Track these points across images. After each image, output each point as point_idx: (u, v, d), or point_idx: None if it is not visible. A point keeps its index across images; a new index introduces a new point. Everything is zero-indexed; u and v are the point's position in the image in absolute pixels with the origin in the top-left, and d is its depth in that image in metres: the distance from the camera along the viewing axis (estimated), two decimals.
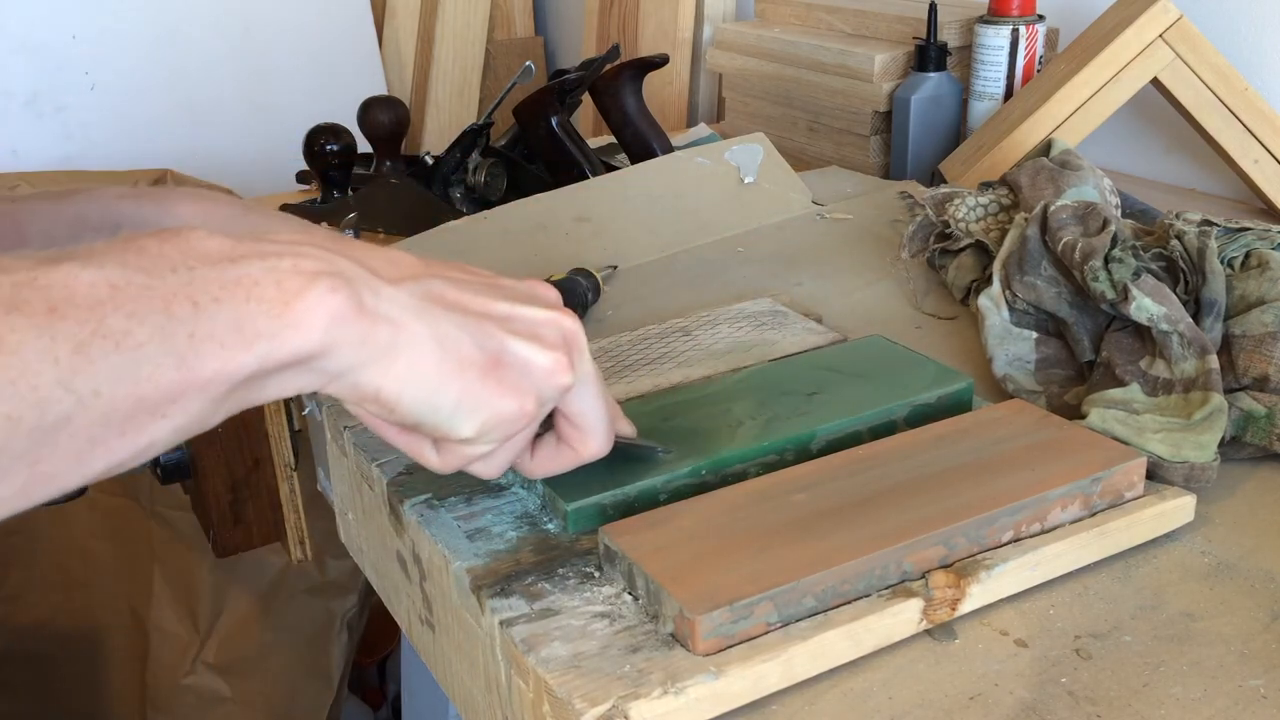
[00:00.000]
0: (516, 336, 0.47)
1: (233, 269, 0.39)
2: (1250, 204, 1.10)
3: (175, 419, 0.38)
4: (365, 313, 0.41)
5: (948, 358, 0.74)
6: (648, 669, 0.47)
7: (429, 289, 0.45)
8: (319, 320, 0.40)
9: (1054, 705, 0.47)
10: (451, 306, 0.45)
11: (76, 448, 0.36)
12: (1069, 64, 1.07)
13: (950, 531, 0.52)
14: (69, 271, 0.36)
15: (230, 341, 0.38)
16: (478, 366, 0.45)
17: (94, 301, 0.36)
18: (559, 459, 0.53)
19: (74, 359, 0.35)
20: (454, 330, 0.45)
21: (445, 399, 0.44)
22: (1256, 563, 0.55)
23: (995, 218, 0.86)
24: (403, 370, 0.43)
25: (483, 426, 0.46)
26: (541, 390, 0.47)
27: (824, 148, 1.33)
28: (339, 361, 0.41)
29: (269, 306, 0.39)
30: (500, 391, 0.46)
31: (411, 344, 0.43)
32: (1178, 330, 0.64)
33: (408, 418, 0.45)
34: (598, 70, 1.14)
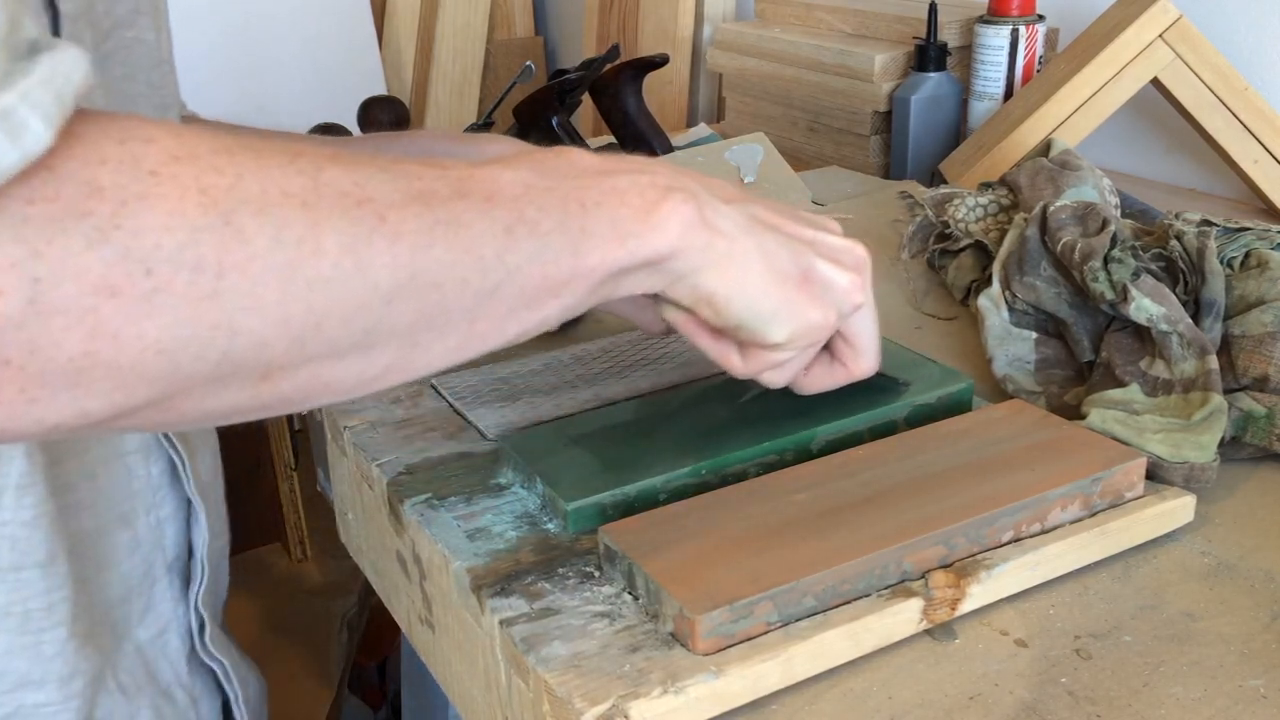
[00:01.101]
0: (823, 258, 0.53)
1: (607, 180, 0.46)
2: (1250, 204, 1.10)
3: (564, 299, 0.45)
4: (707, 224, 0.48)
5: (948, 358, 0.74)
6: (648, 668, 0.47)
7: (753, 211, 0.51)
8: (674, 225, 0.46)
9: (1054, 705, 0.47)
10: (771, 227, 0.51)
11: (500, 313, 0.43)
12: (1069, 64, 1.08)
13: (950, 531, 0.52)
14: (494, 172, 0.43)
15: (610, 237, 0.45)
16: (793, 280, 0.51)
17: (514, 195, 0.43)
18: (832, 375, 0.58)
19: (505, 239, 0.42)
20: (775, 247, 0.51)
21: (767, 305, 0.50)
22: (1256, 563, 0.55)
23: (995, 218, 0.86)
24: (735, 277, 0.49)
25: (792, 333, 0.52)
26: (841, 305, 0.53)
27: (824, 148, 1.33)
28: (685, 263, 0.48)
29: (636, 212, 0.46)
30: (810, 303, 0.52)
31: (743, 255, 0.49)
32: (1177, 330, 0.64)
33: (731, 319, 0.50)
34: (598, 70, 1.14)
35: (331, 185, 0.38)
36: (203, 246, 0.34)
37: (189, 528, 0.62)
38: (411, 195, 0.40)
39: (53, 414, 0.34)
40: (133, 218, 0.33)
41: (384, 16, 1.98)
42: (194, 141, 0.36)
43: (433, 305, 0.41)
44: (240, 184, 0.35)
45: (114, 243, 0.33)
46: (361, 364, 0.40)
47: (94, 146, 0.33)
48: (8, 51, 0.32)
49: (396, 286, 0.39)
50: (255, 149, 0.37)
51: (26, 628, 0.52)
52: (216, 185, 0.35)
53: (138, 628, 0.59)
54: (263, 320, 0.36)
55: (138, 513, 0.58)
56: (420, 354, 0.42)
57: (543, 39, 2.12)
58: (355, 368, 0.40)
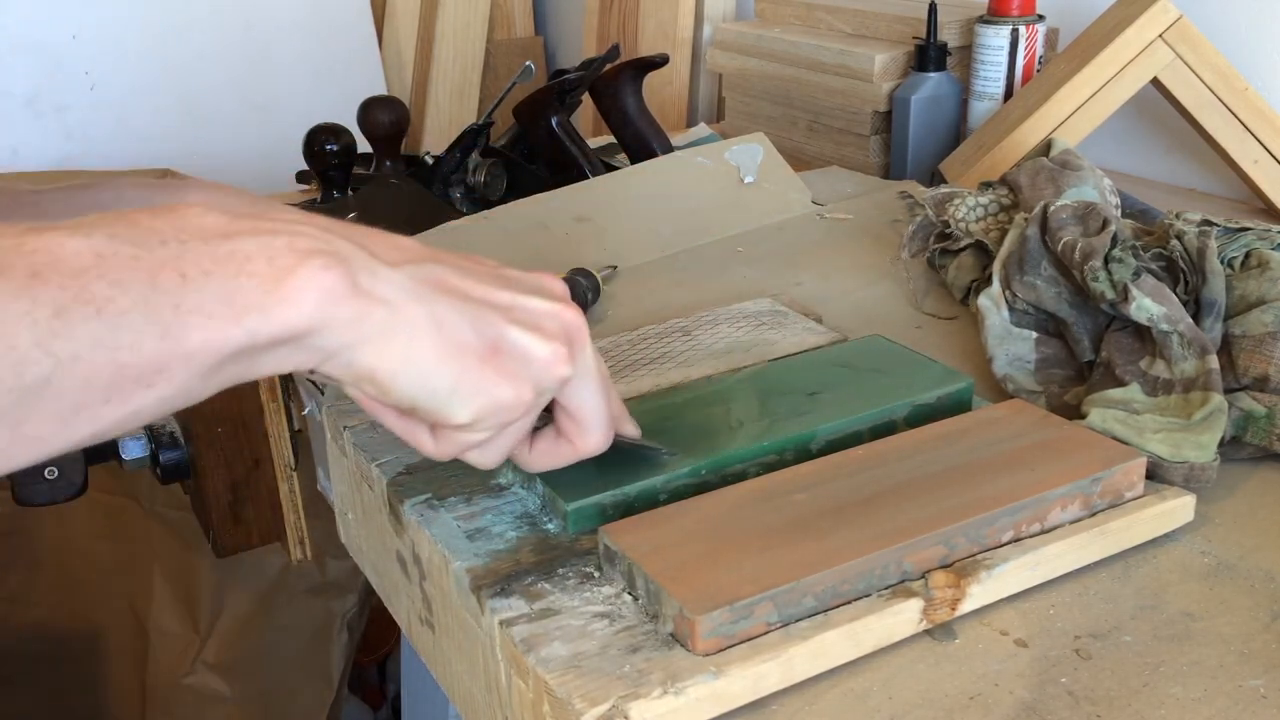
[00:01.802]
0: (517, 325, 0.47)
1: (226, 244, 0.39)
2: (1250, 204, 1.10)
3: (160, 389, 0.38)
4: (360, 292, 0.41)
5: (948, 358, 0.74)
6: (648, 669, 0.47)
7: (430, 273, 0.45)
8: (310, 297, 0.40)
9: (1054, 705, 0.47)
10: (451, 291, 0.45)
11: (59, 411, 0.36)
12: (1069, 64, 1.07)
13: (950, 531, 0.52)
14: (55, 239, 0.36)
15: (218, 314, 0.38)
16: (475, 352, 0.45)
17: (78, 269, 0.36)
18: (557, 453, 0.53)
19: (53, 323, 0.35)
20: (453, 315, 0.45)
21: (441, 382, 0.44)
22: (1256, 563, 0.55)
23: (995, 218, 0.86)
24: (398, 351, 0.43)
25: (479, 413, 0.46)
26: (539, 380, 0.47)
27: (824, 148, 1.33)
28: (332, 339, 0.41)
29: (260, 281, 0.39)
30: (497, 379, 0.46)
31: (408, 325, 0.43)
32: (1177, 330, 0.64)
33: (403, 400, 0.45)
34: (598, 70, 1.14)
35: None
36: None
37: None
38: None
39: None
40: None
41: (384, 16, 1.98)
42: None
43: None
44: None
45: None
46: None
47: None
48: None
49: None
50: None
51: None
52: None
53: None
54: None
55: None
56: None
57: (543, 39, 2.12)
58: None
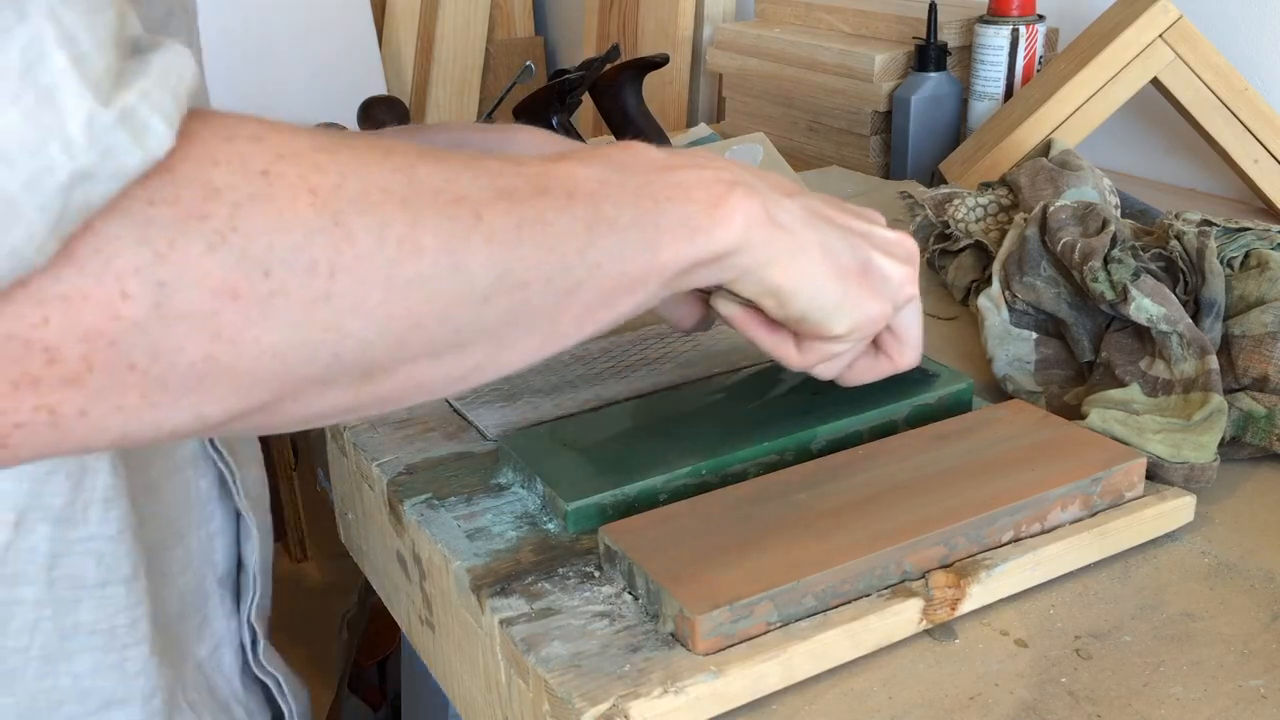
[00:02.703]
0: (878, 250, 0.53)
1: (673, 174, 0.46)
2: (1250, 204, 1.10)
3: (639, 296, 0.45)
4: (771, 219, 0.48)
5: (948, 358, 0.74)
6: (648, 668, 0.47)
7: (812, 205, 0.51)
8: (740, 220, 0.46)
9: (1054, 705, 0.47)
10: (830, 221, 0.52)
11: (580, 311, 0.43)
12: (1069, 64, 1.08)
13: (950, 531, 0.52)
14: (570, 168, 0.43)
15: (680, 233, 0.45)
16: (853, 273, 0.52)
17: (591, 191, 0.42)
18: (876, 367, 0.59)
19: (586, 235, 0.42)
20: (835, 240, 0.51)
21: (829, 298, 0.51)
22: (1256, 563, 0.55)
23: (995, 218, 0.86)
24: (799, 270, 0.49)
25: (853, 325, 0.52)
26: (895, 297, 0.54)
27: (824, 148, 1.33)
28: (750, 258, 0.48)
29: (703, 207, 0.45)
30: (870, 295, 0.52)
31: (805, 249, 0.50)
32: (1177, 331, 0.64)
33: (796, 312, 0.51)
34: (598, 70, 1.14)
35: (425, 182, 0.37)
36: (315, 248, 0.34)
37: (238, 541, 0.60)
38: (498, 192, 0.39)
39: (171, 419, 0.34)
40: (248, 220, 0.32)
41: (384, 16, 1.98)
42: (295, 139, 0.35)
43: (520, 303, 0.40)
44: (345, 183, 0.35)
45: (232, 245, 0.32)
46: (454, 363, 0.40)
47: (206, 146, 0.33)
48: (119, 50, 0.30)
49: (490, 285, 0.39)
50: (351, 145, 0.36)
51: (112, 645, 0.52)
52: (323, 185, 0.34)
53: (195, 644, 0.58)
54: (368, 321, 0.36)
55: (190, 527, 0.56)
56: (507, 352, 0.42)
57: (543, 39, 2.12)
58: (448, 367, 0.40)
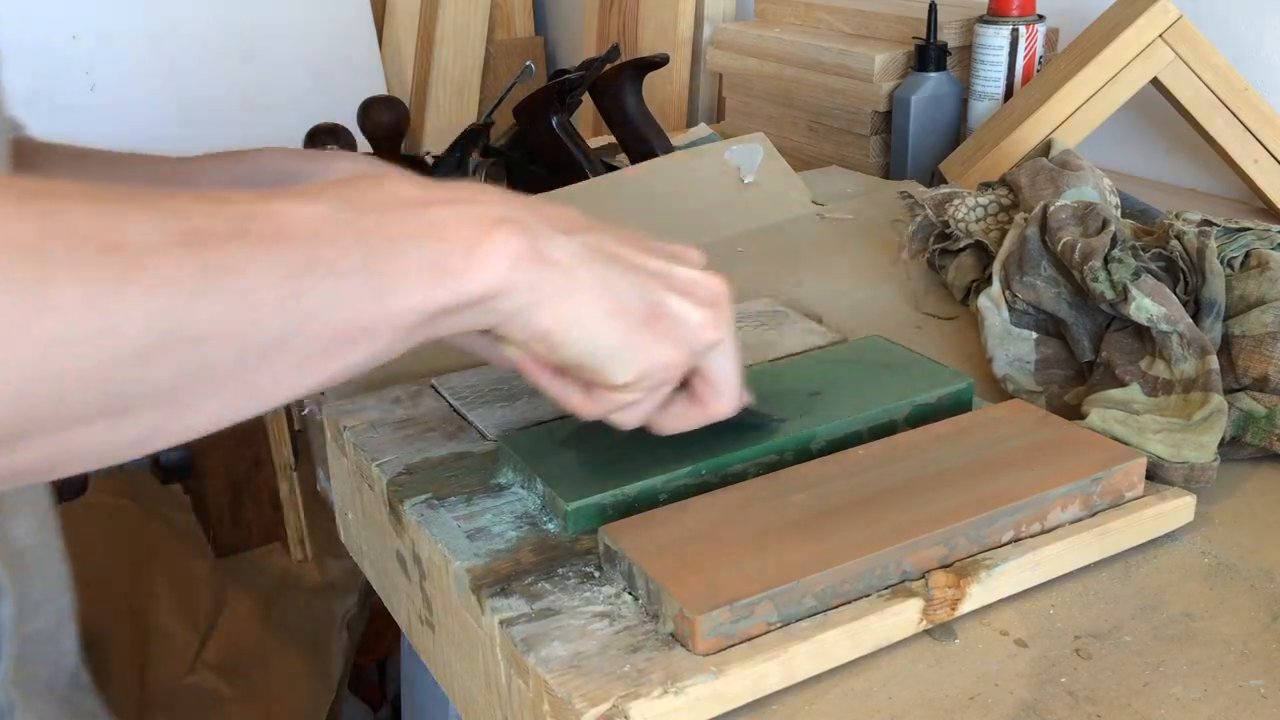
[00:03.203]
0: (674, 292, 0.49)
1: (425, 212, 0.42)
2: (1250, 204, 1.10)
3: (370, 347, 0.41)
4: (540, 257, 0.44)
5: (948, 358, 0.74)
6: (648, 669, 0.47)
7: (596, 241, 0.48)
8: (501, 262, 0.43)
9: (1054, 705, 0.47)
10: (616, 259, 0.48)
11: (288, 366, 0.39)
12: (1069, 64, 1.08)
13: (950, 531, 0.52)
14: (286, 205, 0.39)
15: (422, 278, 0.41)
16: (638, 315, 0.48)
17: (309, 232, 0.39)
18: (688, 416, 0.55)
19: (292, 284, 0.38)
20: (619, 280, 0.47)
21: (607, 342, 0.47)
22: (1256, 563, 0.55)
23: (995, 218, 0.86)
24: (571, 312, 0.46)
25: (638, 373, 0.48)
26: (692, 344, 0.50)
27: (824, 148, 1.33)
28: (515, 301, 0.44)
29: (456, 247, 0.42)
30: (657, 341, 0.48)
31: (580, 288, 0.46)
32: (1177, 331, 0.64)
33: (569, 358, 0.47)
34: (598, 70, 1.14)
35: (74, 229, 0.34)
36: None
37: None
38: (176, 237, 0.36)
39: None
40: None
41: (384, 16, 1.98)
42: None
43: (198, 362, 0.36)
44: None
45: None
46: (111, 431, 0.36)
47: None
48: None
49: (149, 344, 0.35)
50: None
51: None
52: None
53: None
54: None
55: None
56: (189, 414, 0.38)
57: (543, 39, 2.12)
58: (104, 435, 0.36)
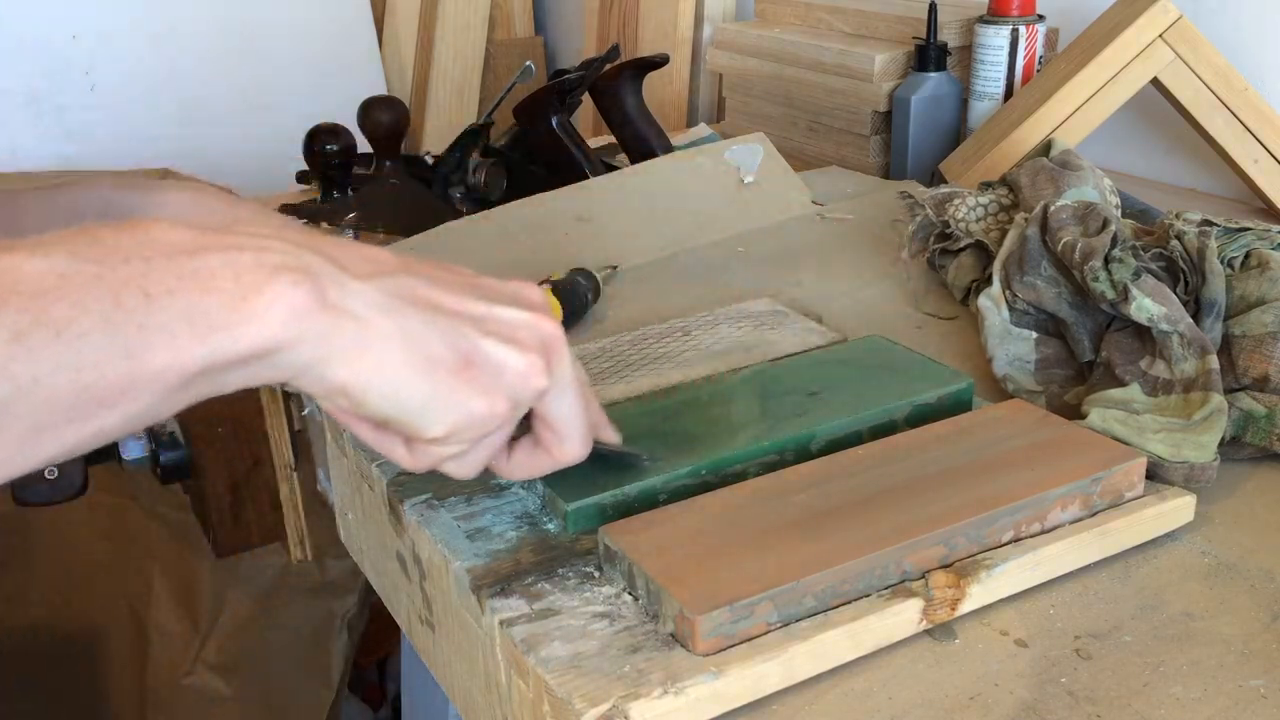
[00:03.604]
0: (491, 337, 0.46)
1: (191, 261, 0.39)
2: (1250, 204, 1.10)
3: (125, 408, 0.38)
4: (329, 307, 0.41)
5: (948, 358, 0.74)
6: (648, 669, 0.47)
7: (401, 286, 0.44)
8: (278, 314, 0.40)
9: (1054, 705, 0.47)
10: (423, 304, 0.44)
11: (19, 433, 0.36)
12: (1069, 64, 1.07)
13: (950, 531, 0.52)
14: (15, 260, 0.36)
15: (182, 333, 0.38)
16: (447, 365, 0.44)
17: (38, 290, 0.36)
18: (535, 462, 0.52)
19: (12, 347, 0.35)
20: (423, 328, 0.44)
21: (413, 396, 0.44)
22: (1256, 563, 0.55)
23: (995, 218, 0.86)
24: (369, 366, 0.42)
25: (453, 426, 0.45)
26: (515, 392, 0.47)
27: (824, 148, 1.33)
28: (301, 356, 0.41)
29: (225, 299, 0.39)
30: (470, 392, 0.45)
31: (378, 340, 0.42)
32: (1178, 330, 0.64)
33: (375, 414, 0.44)
34: (598, 70, 1.14)
35: None
36: None
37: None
38: None
39: None
40: None
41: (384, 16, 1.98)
42: None
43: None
44: None
45: None
46: None
47: None
48: None
49: None
50: None
51: None
52: None
53: None
54: None
55: None
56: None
57: (543, 39, 2.12)
58: None
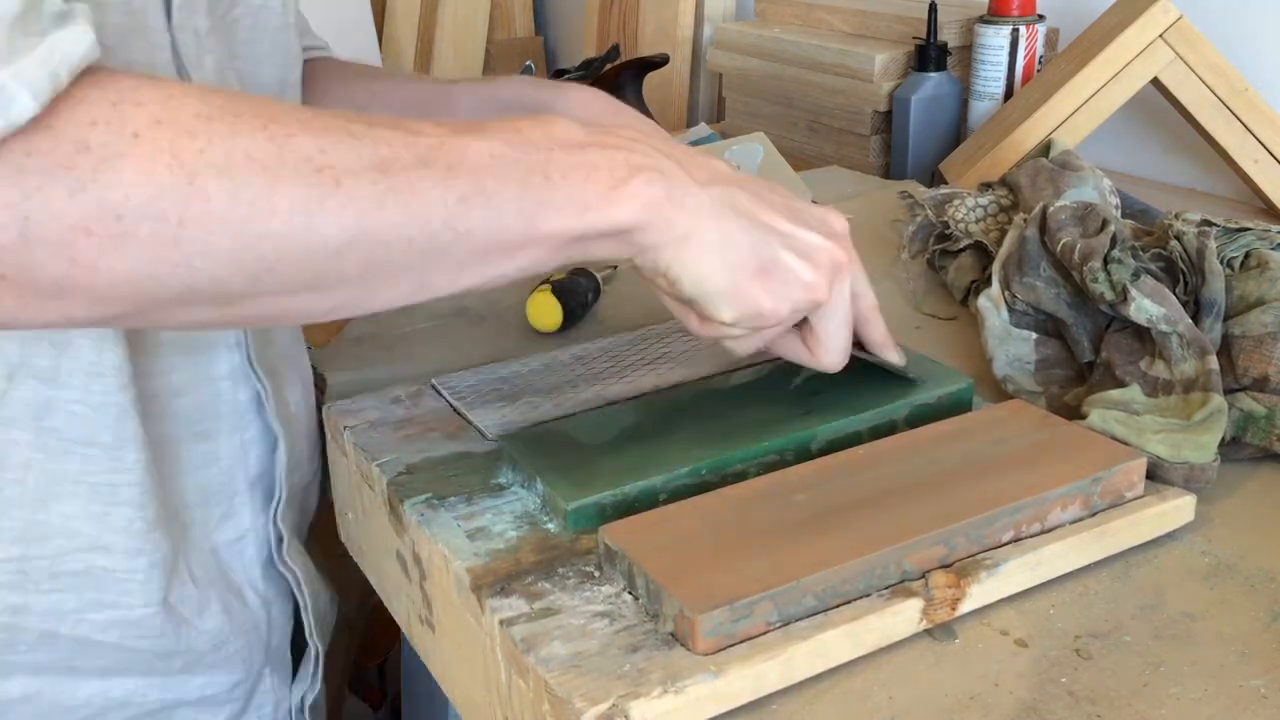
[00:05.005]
0: (790, 251, 0.55)
1: (580, 154, 0.50)
2: (1250, 204, 1.10)
3: (520, 260, 0.50)
4: (673, 204, 0.51)
5: (948, 358, 0.74)
6: (648, 668, 0.47)
7: (730, 196, 0.54)
8: (635, 203, 0.50)
9: (1054, 705, 0.47)
10: (744, 214, 0.54)
11: (451, 268, 0.48)
12: (1069, 64, 1.08)
13: (950, 531, 0.52)
14: (466, 141, 0.48)
15: (567, 210, 0.49)
16: (749, 268, 0.54)
17: (478, 165, 0.47)
18: (799, 352, 0.61)
19: (457, 207, 0.47)
20: (739, 234, 0.53)
21: (714, 286, 0.53)
22: (1256, 563, 0.55)
23: (995, 218, 0.86)
24: (688, 255, 0.52)
25: (739, 316, 0.54)
26: (797, 300, 0.55)
27: (824, 148, 1.33)
28: (645, 238, 0.51)
29: (600, 187, 0.49)
30: (762, 292, 0.54)
31: (701, 235, 0.52)
32: (1177, 331, 0.64)
33: (683, 294, 0.54)
34: (598, 70, 1.14)
35: (296, 151, 0.43)
36: (165, 201, 0.41)
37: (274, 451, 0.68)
38: (372, 162, 0.45)
39: (42, 317, 0.43)
40: (108, 173, 0.40)
41: (384, 16, 1.98)
42: (180, 106, 0.42)
43: (380, 259, 0.46)
44: (210, 148, 0.42)
45: (90, 193, 0.40)
46: (315, 300, 0.47)
47: (90, 109, 0.40)
48: (10, 31, 0.38)
49: (343, 242, 0.44)
50: (235, 114, 0.43)
51: (95, 498, 0.59)
52: (188, 149, 0.41)
53: (215, 532, 0.66)
54: (218, 262, 0.43)
55: (221, 431, 0.65)
56: (372, 295, 0.48)
57: (543, 39, 2.12)
58: (309, 302, 0.47)
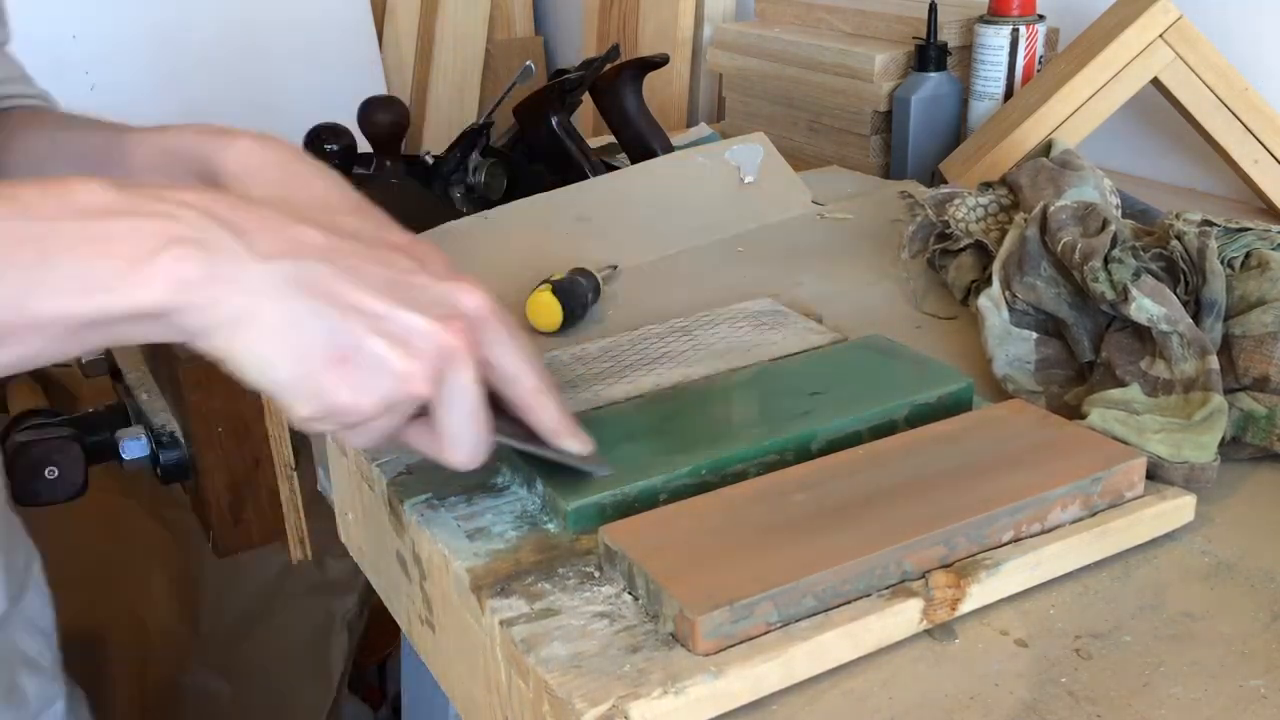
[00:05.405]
0: (379, 337, 0.47)
1: (99, 224, 0.44)
2: (1250, 204, 1.10)
3: (14, 349, 0.44)
4: (218, 282, 0.45)
5: (948, 358, 0.74)
6: (648, 669, 0.47)
7: (305, 272, 0.47)
8: (162, 282, 0.44)
9: (1054, 705, 0.47)
10: (320, 294, 0.47)
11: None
12: (1069, 64, 1.08)
13: (950, 531, 0.52)
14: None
15: (68, 290, 0.43)
16: (321, 357, 0.47)
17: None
18: (431, 446, 0.53)
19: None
20: (310, 317, 0.46)
21: (279, 376, 0.47)
22: (1256, 563, 0.55)
23: (995, 218, 0.86)
24: (245, 342, 0.46)
25: (314, 411, 0.48)
26: (386, 392, 0.48)
27: (824, 148, 1.33)
28: (186, 321, 0.45)
29: (118, 264, 0.44)
30: (338, 385, 0.47)
31: (260, 320, 0.46)
32: (1178, 331, 0.64)
33: (250, 383, 0.48)
34: (598, 70, 1.14)
35: None
36: None
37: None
38: None
39: None
40: None
41: (384, 16, 1.98)
42: None
43: None
44: None
45: None
46: None
47: None
48: None
49: None
50: None
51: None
52: None
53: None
54: None
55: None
56: None
57: (543, 39, 2.12)
58: None
